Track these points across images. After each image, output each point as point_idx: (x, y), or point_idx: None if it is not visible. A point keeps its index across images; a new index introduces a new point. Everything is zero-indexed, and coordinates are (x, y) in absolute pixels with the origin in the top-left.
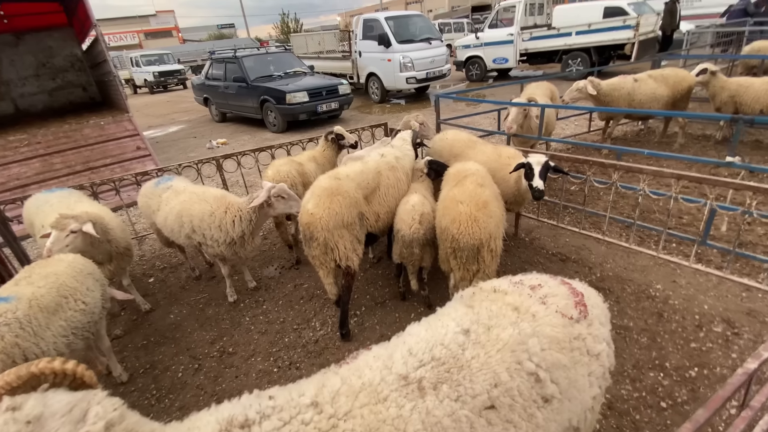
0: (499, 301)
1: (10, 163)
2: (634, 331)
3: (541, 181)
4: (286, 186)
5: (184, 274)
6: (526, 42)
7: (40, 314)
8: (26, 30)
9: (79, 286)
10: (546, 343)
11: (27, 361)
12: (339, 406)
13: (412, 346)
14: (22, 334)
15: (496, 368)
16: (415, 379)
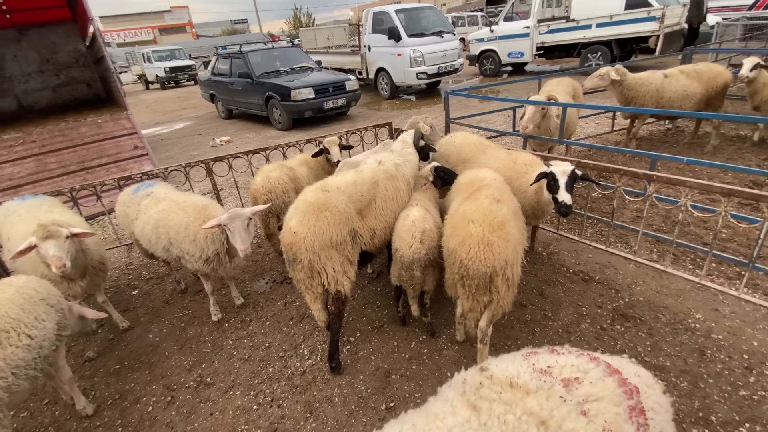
0: (518, 407)
1: (4, 163)
2: (672, 372)
3: (568, 195)
4: (241, 219)
5: (170, 286)
6: (543, 35)
7: None
8: (29, 25)
9: (24, 317)
10: None
11: None
12: None
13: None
14: None
15: None
16: None
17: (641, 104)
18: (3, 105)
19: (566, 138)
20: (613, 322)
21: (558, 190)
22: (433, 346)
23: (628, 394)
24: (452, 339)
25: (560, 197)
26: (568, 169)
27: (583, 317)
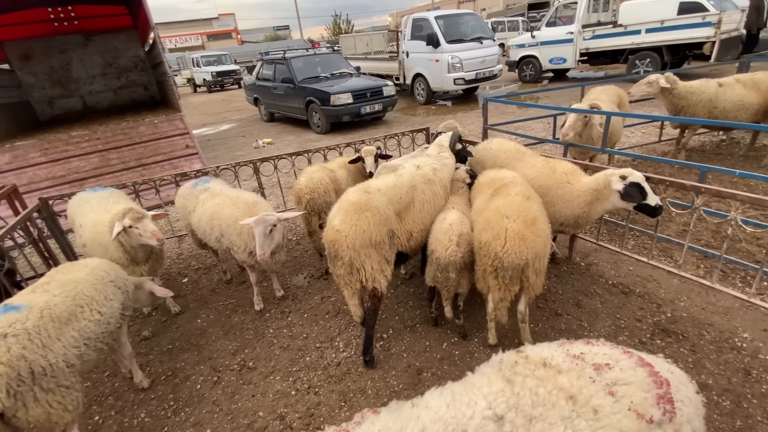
0: (550, 382)
1: (72, 157)
2: (713, 390)
3: (656, 197)
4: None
5: (216, 276)
6: (588, 41)
7: (51, 324)
8: (95, 31)
9: (96, 295)
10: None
11: (34, 374)
12: None
13: (426, 425)
14: (30, 345)
15: None
16: None
17: (692, 114)
18: (70, 105)
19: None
20: (653, 336)
21: (647, 195)
22: (464, 348)
23: (658, 384)
24: (484, 342)
25: (652, 202)
26: (640, 174)
27: (621, 329)
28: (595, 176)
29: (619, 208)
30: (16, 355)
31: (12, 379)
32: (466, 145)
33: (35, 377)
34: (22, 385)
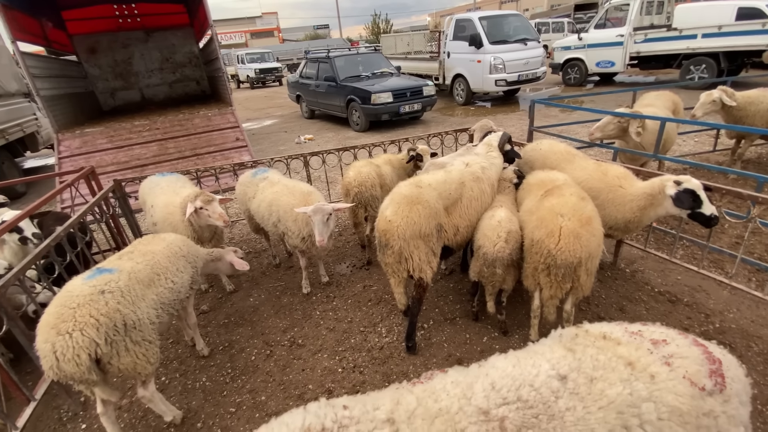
0: (609, 351)
1: (134, 145)
2: (758, 400)
3: (713, 206)
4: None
5: (266, 260)
6: (639, 44)
7: (137, 286)
8: (155, 28)
9: (170, 266)
10: (665, 412)
11: (126, 327)
12: (415, 428)
13: (495, 380)
14: (123, 301)
15: (596, 427)
16: (496, 416)
17: (751, 124)
18: (130, 96)
19: (660, 154)
20: None
21: (702, 204)
22: (505, 343)
23: (711, 361)
24: (524, 339)
25: (707, 211)
26: (698, 182)
27: None
28: (651, 181)
29: (672, 215)
30: (113, 308)
31: (110, 329)
32: (514, 147)
33: (127, 329)
34: (117, 335)
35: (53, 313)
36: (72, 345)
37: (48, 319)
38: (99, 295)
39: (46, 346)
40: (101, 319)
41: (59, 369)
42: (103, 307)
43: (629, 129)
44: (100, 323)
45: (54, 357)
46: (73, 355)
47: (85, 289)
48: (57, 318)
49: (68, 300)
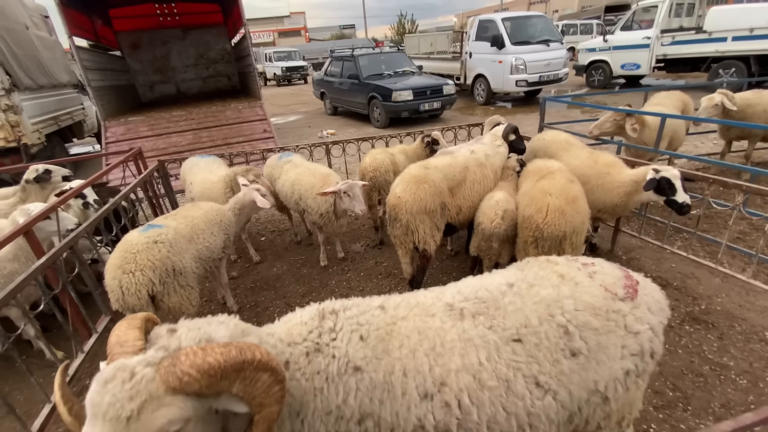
0: (548, 268)
1: (171, 133)
2: (733, 371)
3: (686, 195)
4: (358, 187)
5: (288, 238)
6: (666, 47)
7: (181, 240)
8: (192, 26)
9: (206, 229)
10: (581, 305)
11: (174, 271)
12: (398, 311)
13: (461, 288)
14: (172, 250)
15: (529, 314)
16: (458, 307)
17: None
18: (166, 89)
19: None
20: (682, 322)
21: (676, 192)
22: None
23: (628, 279)
24: None
25: (680, 199)
26: (677, 173)
27: None
28: (637, 169)
29: (652, 200)
30: (164, 255)
31: (162, 272)
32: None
33: (175, 274)
34: (168, 278)
35: (118, 256)
36: (134, 282)
37: (114, 261)
38: (153, 244)
39: (114, 282)
40: (156, 263)
41: (124, 301)
42: (157, 254)
43: (625, 126)
44: (155, 266)
45: (120, 291)
46: (135, 290)
47: (142, 239)
48: (122, 260)
49: (130, 247)
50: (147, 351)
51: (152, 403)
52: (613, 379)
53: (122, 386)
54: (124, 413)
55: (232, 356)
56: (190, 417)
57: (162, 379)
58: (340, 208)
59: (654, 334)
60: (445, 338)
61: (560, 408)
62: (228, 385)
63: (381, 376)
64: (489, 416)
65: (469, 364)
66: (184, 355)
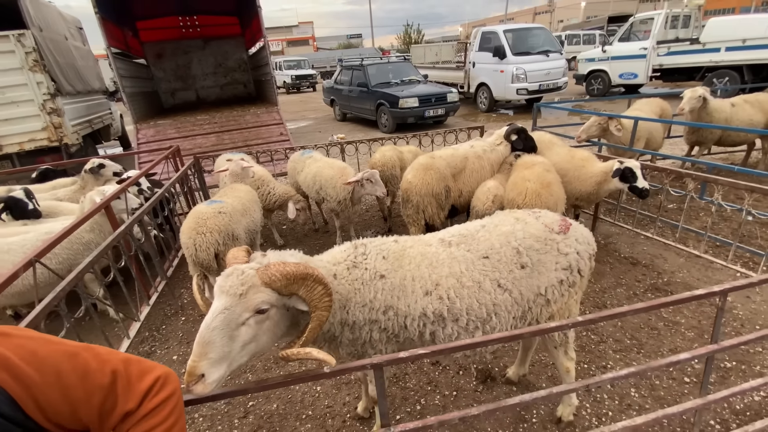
0: (509, 215)
1: (196, 136)
2: (683, 326)
3: (645, 182)
4: (377, 174)
5: (307, 226)
6: (662, 57)
7: (237, 213)
8: (212, 37)
9: (251, 207)
10: (528, 235)
11: (234, 236)
12: (407, 243)
13: (450, 230)
14: (232, 220)
15: (493, 241)
16: (447, 240)
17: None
18: (187, 96)
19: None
20: (645, 291)
21: (637, 179)
22: None
23: (563, 221)
24: None
25: (640, 184)
26: (637, 164)
27: (620, 285)
28: (607, 162)
29: (618, 188)
30: (227, 222)
31: (225, 236)
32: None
33: (233, 238)
34: (228, 241)
35: (192, 222)
36: (205, 241)
37: (189, 225)
38: (218, 214)
39: (189, 241)
40: (221, 228)
41: (196, 256)
42: (221, 221)
43: (610, 128)
44: (220, 230)
45: (194, 248)
46: (205, 247)
47: (209, 209)
48: (195, 224)
49: (201, 215)
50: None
51: (253, 288)
52: (551, 285)
53: (237, 278)
54: (238, 291)
55: (300, 269)
56: (273, 303)
57: (259, 276)
58: (358, 195)
59: (580, 257)
60: (438, 257)
61: (515, 303)
62: (296, 288)
63: (398, 280)
64: (467, 305)
65: (454, 272)
66: (272, 265)
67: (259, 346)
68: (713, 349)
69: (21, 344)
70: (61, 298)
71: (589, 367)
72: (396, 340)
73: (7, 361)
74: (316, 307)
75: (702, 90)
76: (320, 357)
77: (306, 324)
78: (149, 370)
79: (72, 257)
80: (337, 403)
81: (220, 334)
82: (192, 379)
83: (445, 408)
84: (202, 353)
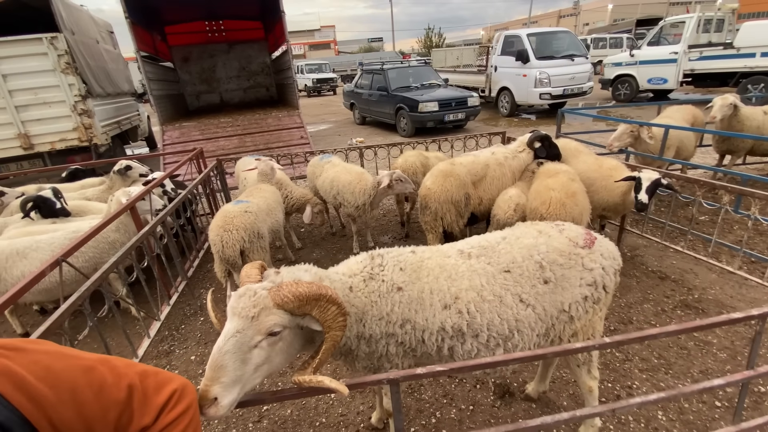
0: (532, 227)
1: (219, 138)
2: (715, 346)
3: (646, 196)
4: (400, 172)
5: (325, 230)
6: (693, 62)
7: (262, 213)
8: (236, 41)
9: (275, 207)
10: (551, 249)
11: (259, 234)
12: (424, 254)
13: (468, 240)
14: (257, 219)
15: (515, 254)
16: (467, 252)
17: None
18: (211, 99)
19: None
20: (675, 308)
21: (640, 191)
22: None
23: (588, 235)
24: None
25: (639, 197)
26: (653, 176)
27: (647, 300)
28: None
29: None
30: (252, 221)
31: (251, 233)
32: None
33: (258, 236)
34: (253, 240)
35: (220, 220)
36: (231, 238)
37: (217, 223)
38: (245, 213)
39: (217, 237)
40: (247, 226)
41: (223, 252)
42: (247, 220)
43: (641, 135)
44: (246, 228)
45: (221, 244)
46: (232, 244)
47: (236, 208)
48: (223, 222)
49: (228, 213)
50: (263, 282)
51: (265, 310)
52: (575, 302)
53: (249, 299)
54: (250, 314)
55: (313, 290)
56: (286, 325)
57: (271, 297)
58: (381, 199)
59: (605, 272)
60: (458, 270)
61: (538, 319)
62: (310, 309)
63: (415, 293)
64: (489, 320)
65: (474, 285)
66: (285, 285)
67: (273, 367)
68: (749, 376)
69: (36, 360)
70: (85, 297)
71: (613, 386)
72: (413, 354)
73: (22, 380)
74: (330, 328)
75: (732, 97)
76: (333, 386)
77: (320, 342)
78: (166, 382)
79: (98, 256)
80: (351, 411)
81: (232, 357)
82: (205, 402)
83: (461, 422)
84: (214, 377)
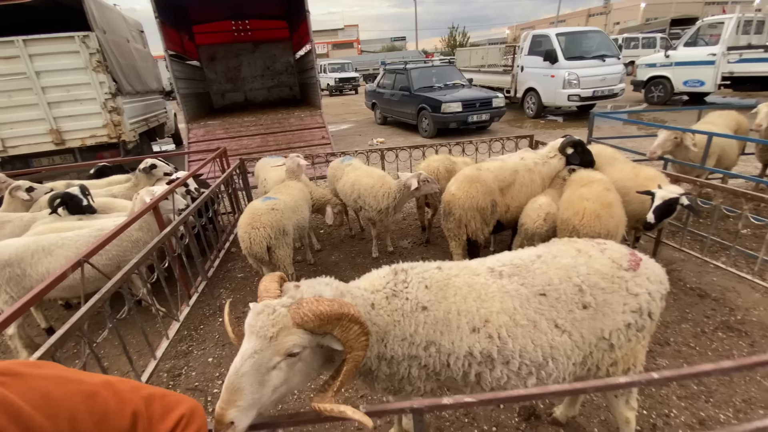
0: (570, 245)
1: (243, 137)
2: (759, 373)
3: (653, 215)
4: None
5: (344, 232)
6: (732, 64)
7: (288, 210)
8: (261, 41)
9: (301, 204)
10: (592, 271)
11: (284, 231)
12: (451, 271)
13: (499, 257)
14: (283, 216)
15: (551, 275)
16: (498, 270)
17: None
18: (236, 98)
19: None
20: (716, 329)
21: (650, 208)
22: None
23: (632, 255)
24: None
25: (647, 215)
26: (669, 196)
27: (686, 320)
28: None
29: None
30: (278, 218)
31: (277, 230)
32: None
33: (284, 233)
34: (279, 236)
35: (247, 217)
36: (258, 235)
37: (245, 220)
38: (271, 210)
39: (245, 234)
40: (273, 223)
41: (251, 249)
42: (274, 217)
43: (685, 142)
44: (273, 225)
45: (249, 241)
46: (259, 240)
47: (263, 206)
48: (251, 219)
49: (256, 211)
50: (282, 297)
51: (284, 330)
52: (617, 329)
53: (268, 317)
54: (269, 334)
55: (335, 308)
56: (306, 345)
57: (291, 316)
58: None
59: (651, 298)
60: (488, 290)
61: (575, 347)
62: (331, 328)
63: (441, 314)
64: (521, 346)
65: (506, 308)
66: (305, 302)
67: (291, 388)
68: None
69: (34, 386)
70: (106, 299)
71: (649, 414)
72: (437, 378)
73: (18, 411)
74: (352, 348)
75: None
76: (356, 417)
77: (341, 362)
78: (173, 407)
79: (121, 254)
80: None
81: (249, 380)
82: (221, 427)
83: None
84: (230, 400)
